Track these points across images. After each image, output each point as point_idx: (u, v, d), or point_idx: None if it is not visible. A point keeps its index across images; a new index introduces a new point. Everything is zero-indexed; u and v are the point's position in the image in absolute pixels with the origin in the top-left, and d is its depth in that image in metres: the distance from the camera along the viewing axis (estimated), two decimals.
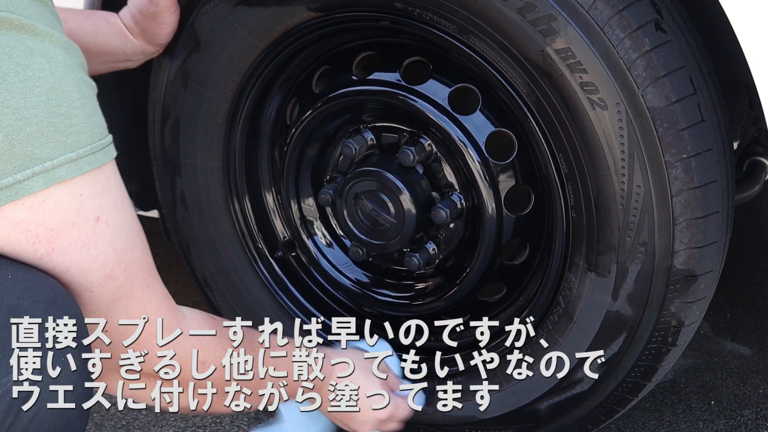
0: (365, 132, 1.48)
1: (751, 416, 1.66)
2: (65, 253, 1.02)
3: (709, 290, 1.32)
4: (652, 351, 1.33)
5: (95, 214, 1.04)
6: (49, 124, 0.99)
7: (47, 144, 0.99)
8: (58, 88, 1.00)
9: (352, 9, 1.38)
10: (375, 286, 1.59)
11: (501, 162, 1.38)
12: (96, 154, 1.03)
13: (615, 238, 1.27)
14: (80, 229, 1.03)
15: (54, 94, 1.00)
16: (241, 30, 1.46)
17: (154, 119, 1.62)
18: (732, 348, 1.89)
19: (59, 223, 1.01)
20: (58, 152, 0.99)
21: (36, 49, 1.00)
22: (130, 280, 1.10)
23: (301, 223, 1.63)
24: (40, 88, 0.99)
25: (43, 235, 1.00)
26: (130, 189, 1.73)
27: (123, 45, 1.51)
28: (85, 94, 1.04)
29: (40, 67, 0.99)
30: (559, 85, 1.23)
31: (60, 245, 1.01)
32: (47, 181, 0.99)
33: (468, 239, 1.47)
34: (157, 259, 1.21)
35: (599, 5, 1.19)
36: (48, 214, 1.00)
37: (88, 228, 1.03)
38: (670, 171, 1.21)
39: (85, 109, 1.03)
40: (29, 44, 0.99)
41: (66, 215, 1.01)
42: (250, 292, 1.66)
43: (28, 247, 1.00)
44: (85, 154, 1.02)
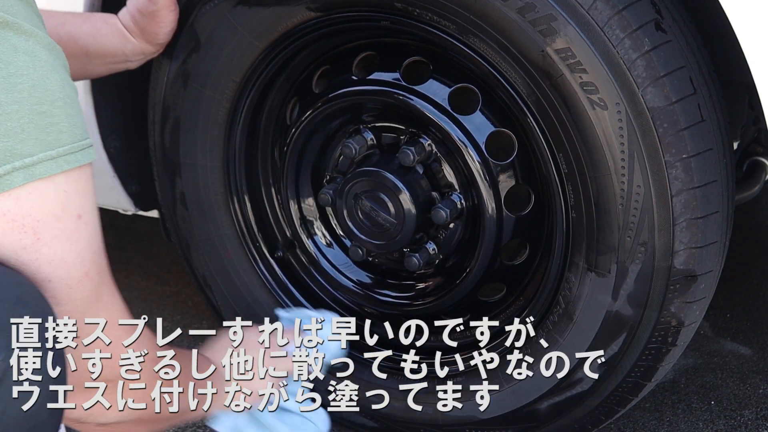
0: (365, 132, 1.48)
1: (751, 416, 1.66)
2: (50, 244, 1.04)
3: (709, 290, 1.32)
4: (652, 351, 1.33)
5: (77, 212, 1.06)
6: (30, 120, 1.00)
7: (28, 140, 1.00)
8: (40, 86, 1.01)
9: (352, 9, 1.38)
10: (375, 286, 1.59)
11: (501, 162, 1.38)
12: (76, 154, 1.05)
13: (615, 238, 1.27)
14: (64, 223, 1.04)
15: (36, 91, 1.01)
16: (241, 30, 1.46)
17: (154, 119, 1.62)
18: (732, 348, 1.89)
19: (45, 215, 1.02)
20: (39, 149, 1.01)
21: (20, 47, 1.01)
22: (102, 283, 1.12)
23: (301, 223, 1.63)
24: (22, 85, 1.00)
25: (29, 226, 1.02)
26: (130, 189, 1.75)
27: (122, 45, 1.51)
28: (67, 94, 1.05)
29: (24, 65, 1.00)
30: (559, 85, 1.23)
31: (45, 236, 1.03)
32: (27, 176, 1.00)
33: (468, 239, 1.47)
34: (157, 259, 1.21)
35: (599, 5, 1.19)
36: (34, 206, 1.01)
37: (71, 223, 1.05)
38: (670, 171, 1.21)
39: (67, 109, 1.04)
40: (14, 42, 1.00)
41: (52, 208, 1.03)
42: (250, 292, 1.66)
43: (14, 237, 1.02)
44: (65, 153, 1.03)
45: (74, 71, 1.50)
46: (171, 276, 2.28)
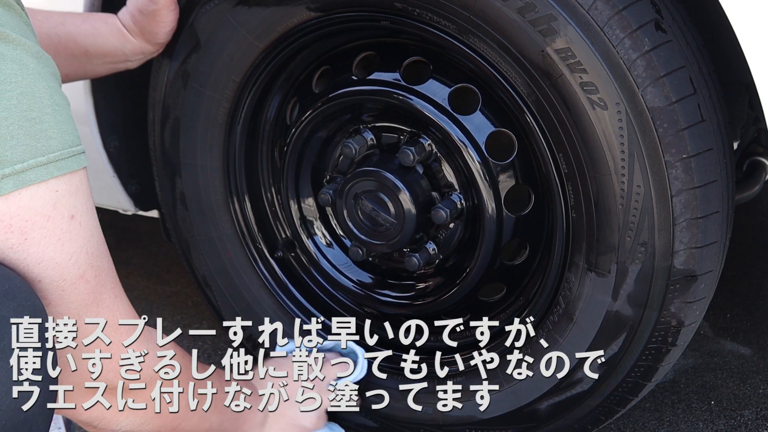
0: (365, 132, 1.48)
1: (751, 416, 1.66)
2: (39, 244, 1.03)
3: (709, 290, 1.32)
4: (652, 351, 1.33)
5: (70, 212, 1.06)
6: (19, 127, 1.00)
7: (18, 147, 1.00)
8: (29, 93, 1.02)
9: (352, 9, 1.38)
10: (375, 286, 1.59)
11: (501, 162, 1.38)
12: (66, 160, 1.05)
13: (615, 238, 1.27)
14: (55, 223, 1.04)
15: (25, 98, 1.01)
16: (241, 30, 1.46)
17: (154, 119, 1.62)
18: (732, 348, 1.89)
19: (34, 216, 1.03)
20: (29, 155, 1.01)
21: (8, 55, 1.01)
22: (100, 286, 1.11)
23: (301, 223, 1.63)
24: (11, 92, 1.00)
25: (17, 226, 1.02)
26: (130, 189, 1.75)
27: (122, 45, 1.51)
28: (56, 101, 1.06)
29: (12, 73, 1.01)
30: (559, 85, 1.23)
31: (34, 236, 1.03)
32: (17, 183, 1.01)
33: (468, 239, 1.47)
34: (157, 259, 1.21)
35: (599, 5, 1.19)
36: (23, 206, 1.02)
37: (63, 224, 1.05)
38: (670, 171, 1.21)
39: (56, 116, 1.05)
40: (1, 50, 1.01)
41: (42, 208, 1.03)
42: (250, 292, 1.66)
43: (0, 236, 1.01)
44: (56, 159, 1.04)
45: (74, 71, 1.51)
46: (171, 276, 2.28)
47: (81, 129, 1.66)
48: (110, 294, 1.13)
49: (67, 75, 1.50)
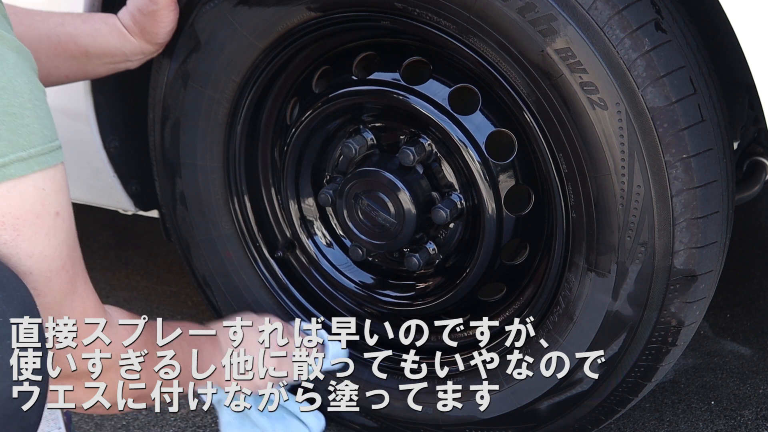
0: (365, 132, 1.48)
1: (751, 416, 1.66)
2: (30, 240, 1.06)
3: (709, 290, 1.33)
4: (652, 351, 1.33)
5: (55, 209, 1.08)
6: (1, 122, 1.01)
7: None
8: (9, 88, 1.03)
9: (352, 9, 1.38)
10: (375, 286, 1.59)
11: (501, 162, 1.38)
12: (46, 155, 1.06)
13: (615, 238, 1.27)
14: (43, 219, 1.07)
15: (5, 93, 1.02)
16: (241, 30, 1.47)
17: (154, 119, 1.62)
18: (732, 348, 1.89)
19: (24, 213, 1.05)
20: (10, 150, 1.02)
21: None
22: (76, 275, 1.14)
23: (301, 223, 1.63)
24: None
25: (9, 223, 1.04)
26: (130, 189, 1.75)
27: (122, 45, 1.51)
28: (36, 96, 1.06)
29: None
30: (559, 85, 1.23)
31: (25, 233, 1.05)
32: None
33: (468, 239, 1.47)
34: (157, 259, 1.22)
35: (599, 5, 1.19)
36: (14, 204, 1.04)
37: (50, 220, 1.07)
38: (670, 171, 1.21)
39: (36, 111, 1.06)
40: None
41: (31, 206, 1.05)
42: (250, 292, 1.66)
43: None
44: (36, 154, 1.05)
45: (74, 71, 1.51)
46: (171, 276, 2.28)
47: (81, 129, 1.67)
48: (82, 281, 1.16)
49: (67, 75, 1.50)
